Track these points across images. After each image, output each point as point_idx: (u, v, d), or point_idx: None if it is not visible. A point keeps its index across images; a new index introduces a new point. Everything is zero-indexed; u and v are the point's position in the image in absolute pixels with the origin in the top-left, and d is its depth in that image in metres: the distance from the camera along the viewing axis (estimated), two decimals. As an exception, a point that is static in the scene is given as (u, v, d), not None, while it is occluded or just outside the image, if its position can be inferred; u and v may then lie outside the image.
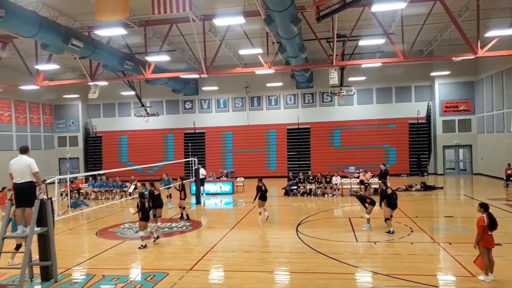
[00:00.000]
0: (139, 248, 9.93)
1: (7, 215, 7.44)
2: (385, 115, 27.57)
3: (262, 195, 12.95)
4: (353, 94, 23.98)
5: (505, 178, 19.89)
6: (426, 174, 26.23)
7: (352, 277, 7.48)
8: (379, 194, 11.61)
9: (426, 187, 19.47)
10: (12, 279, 7.63)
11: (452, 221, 12.57)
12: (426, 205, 16.11)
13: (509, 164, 20.01)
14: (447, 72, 24.39)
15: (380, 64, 20.07)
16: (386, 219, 10.86)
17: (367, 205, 11.46)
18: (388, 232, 10.63)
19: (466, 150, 26.67)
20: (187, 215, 13.73)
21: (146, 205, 10.26)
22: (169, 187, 17.39)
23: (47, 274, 7.66)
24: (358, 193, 12.56)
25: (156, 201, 11.78)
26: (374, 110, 27.85)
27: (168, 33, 17.76)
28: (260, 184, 13.05)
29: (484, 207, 7.14)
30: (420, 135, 27.17)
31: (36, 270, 7.88)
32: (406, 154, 27.09)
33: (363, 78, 25.62)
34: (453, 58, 17.84)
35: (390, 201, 10.95)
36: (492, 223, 6.94)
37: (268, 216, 13.06)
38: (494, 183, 21.21)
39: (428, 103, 27.14)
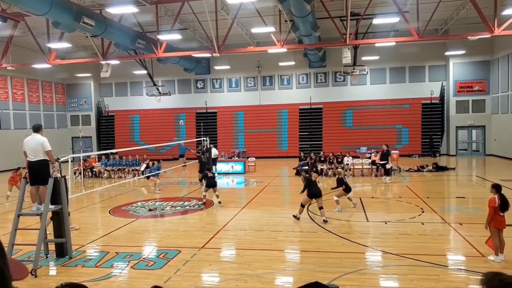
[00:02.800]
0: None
1: (22, 192, 7.59)
2: (398, 95, 27.13)
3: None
4: (366, 73, 23.60)
5: (519, 159, 19.62)
6: (438, 154, 25.95)
7: (362, 256, 7.52)
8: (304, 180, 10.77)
9: (438, 168, 19.29)
10: (28, 255, 7.86)
11: (463, 202, 12.47)
12: (438, 185, 16.00)
13: (524, 146, 19.69)
14: (462, 52, 23.77)
15: (394, 43, 19.61)
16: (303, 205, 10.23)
17: (340, 189, 11.35)
18: (295, 217, 10.13)
19: (479, 131, 26.24)
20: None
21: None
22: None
23: (62, 250, 7.86)
24: (340, 176, 11.94)
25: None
26: (387, 90, 27.41)
27: (180, 11, 17.53)
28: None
29: (496, 188, 7.05)
30: (433, 115, 26.76)
31: (52, 246, 8.10)
32: (419, 135, 26.77)
33: (377, 57, 25.11)
34: (469, 37, 17.30)
35: (311, 189, 10.22)
36: (504, 204, 6.86)
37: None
38: (507, 164, 20.89)
39: (442, 83, 26.58)
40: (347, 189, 11.44)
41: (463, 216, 10.42)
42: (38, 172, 7.59)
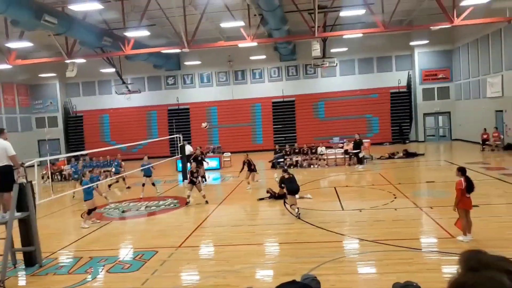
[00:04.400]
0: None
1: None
2: (367, 85, 27.66)
3: (249, 169, 13.50)
4: (336, 65, 23.90)
5: (481, 142, 20.47)
6: (408, 141, 26.72)
7: (340, 245, 7.65)
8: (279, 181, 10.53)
9: (408, 154, 19.86)
10: (-3, 264, 7.51)
11: (433, 186, 12.91)
12: (409, 171, 16.47)
13: (484, 129, 20.57)
14: (426, 41, 24.55)
15: (361, 34, 19.94)
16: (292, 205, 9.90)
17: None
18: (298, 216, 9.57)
19: (445, 117, 27.23)
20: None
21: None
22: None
23: (31, 259, 7.55)
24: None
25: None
26: (356, 81, 27.89)
27: (147, 7, 17.08)
28: (247, 159, 13.33)
29: (461, 171, 7.33)
30: (401, 103, 27.48)
31: (20, 256, 7.76)
32: (388, 123, 27.45)
33: (345, 49, 25.47)
34: (431, 27, 17.90)
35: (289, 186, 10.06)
36: (470, 186, 7.14)
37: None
38: (472, 147, 21.75)
39: (409, 72, 27.33)
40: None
41: (433, 200, 10.79)
42: (2, 179, 7.26)
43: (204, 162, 16.41)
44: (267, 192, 12.19)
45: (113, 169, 17.47)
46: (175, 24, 18.56)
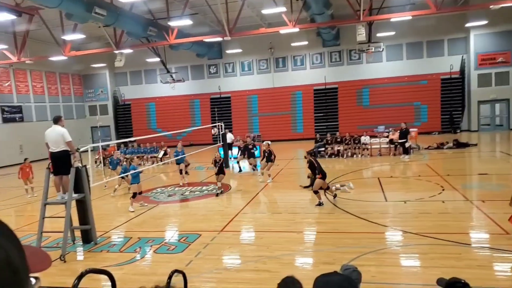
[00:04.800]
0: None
1: (46, 183, 7.83)
2: (415, 71, 26.44)
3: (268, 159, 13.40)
4: (382, 50, 23.07)
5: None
6: (459, 131, 25.36)
7: (381, 236, 7.51)
8: (315, 164, 10.17)
9: (458, 144, 18.89)
10: (56, 241, 8.16)
11: (486, 178, 12.21)
12: (459, 162, 15.70)
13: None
14: (484, 22, 22.75)
15: (410, 17, 18.97)
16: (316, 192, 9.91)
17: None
18: (319, 204, 9.75)
19: (503, 104, 25.38)
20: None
21: None
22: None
23: (87, 237, 8.14)
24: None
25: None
26: (404, 67, 26.74)
27: (189, -5, 17.40)
28: (268, 149, 13.46)
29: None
30: (453, 90, 26.02)
31: (78, 233, 8.38)
32: (438, 111, 26.16)
33: (392, 33, 24.43)
34: (491, 7, 16.62)
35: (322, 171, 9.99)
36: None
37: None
38: (533, 138, 20.28)
39: (462, 56, 25.73)
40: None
41: (485, 193, 10.22)
42: (60, 163, 7.79)
43: (253, 151, 16.46)
44: (308, 177, 12.07)
45: (159, 155, 18.07)
46: (217, 12, 18.72)
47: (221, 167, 12.36)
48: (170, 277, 3.71)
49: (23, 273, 0.65)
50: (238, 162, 16.82)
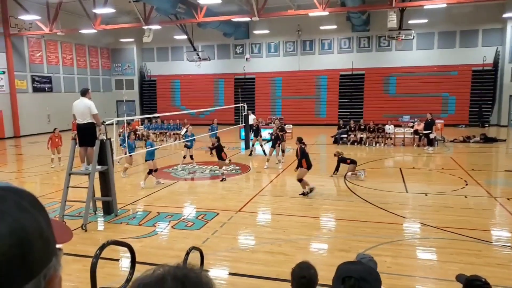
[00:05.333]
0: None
1: (72, 153, 8.06)
2: (446, 62, 25.53)
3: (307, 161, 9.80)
4: (413, 38, 22.32)
5: None
6: (487, 125, 24.52)
7: (399, 227, 7.44)
8: (299, 153, 9.62)
9: (486, 139, 18.29)
10: (78, 211, 8.46)
11: (513, 176, 11.83)
12: (485, 158, 15.24)
13: None
14: (523, 13, 21.66)
15: (445, 4, 18.21)
16: (300, 180, 9.58)
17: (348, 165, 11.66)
18: (303, 194, 9.47)
19: (538, 100, 24.33)
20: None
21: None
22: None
23: (108, 208, 8.40)
24: (341, 155, 11.96)
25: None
26: (434, 56, 25.86)
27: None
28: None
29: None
30: (484, 83, 25.07)
31: (99, 204, 8.65)
32: (467, 104, 25.32)
33: (425, 20, 23.56)
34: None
35: (308, 160, 9.62)
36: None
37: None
38: None
39: (497, 48, 24.62)
40: (352, 162, 11.71)
41: (511, 191, 9.93)
42: (86, 134, 7.99)
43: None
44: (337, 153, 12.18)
45: (182, 132, 18.21)
46: (247, -9, 18.47)
47: (218, 152, 11.76)
48: (187, 253, 3.81)
49: (53, 243, 0.69)
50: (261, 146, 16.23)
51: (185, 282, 0.69)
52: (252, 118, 19.88)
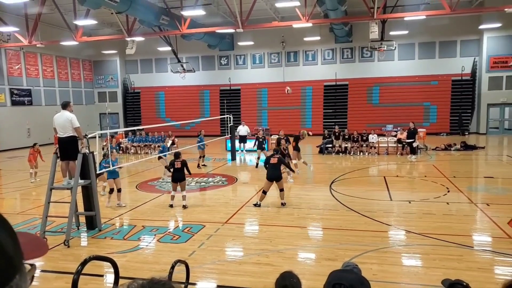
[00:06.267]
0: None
1: (53, 167, 7.91)
2: (427, 72, 26.19)
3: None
4: (394, 49, 22.79)
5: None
6: (467, 133, 25.13)
7: (384, 235, 7.51)
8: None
9: (466, 147, 18.74)
10: (61, 226, 8.27)
11: (492, 182, 12.11)
12: (465, 165, 15.58)
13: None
14: (498, 25, 22.43)
15: (424, 17, 18.76)
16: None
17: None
18: (256, 205, 9.61)
19: (513, 108, 25.13)
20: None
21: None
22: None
23: (92, 223, 8.23)
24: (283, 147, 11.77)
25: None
26: (415, 66, 26.50)
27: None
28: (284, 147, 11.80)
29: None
30: (463, 92, 25.77)
31: (82, 219, 8.48)
32: (447, 112, 25.94)
33: (405, 32, 24.18)
34: (506, 9, 16.37)
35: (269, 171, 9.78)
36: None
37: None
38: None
39: (474, 58, 25.43)
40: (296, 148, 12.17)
41: (491, 197, 10.16)
42: (68, 148, 7.86)
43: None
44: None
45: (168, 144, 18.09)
46: (230, 3, 18.65)
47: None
48: (172, 267, 3.76)
49: (17, 260, 0.65)
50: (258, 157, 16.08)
51: None
52: (245, 130, 19.93)
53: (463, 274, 5.37)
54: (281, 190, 9.68)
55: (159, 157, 13.75)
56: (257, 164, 15.44)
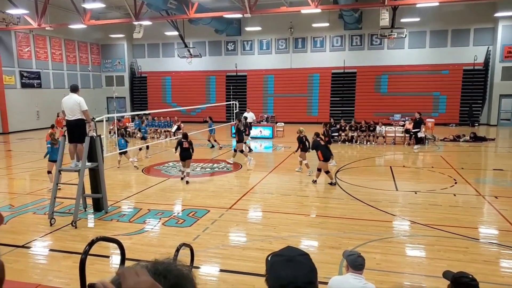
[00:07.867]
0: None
1: (61, 150, 7.97)
2: (437, 60, 25.75)
3: (304, 147, 12.00)
4: (405, 36, 22.40)
5: None
6: (477, 124, 24.82)
7: (389, 225, 7.50)
8: (312, 145, 11.05)
9: (476, 138, 18.53)
10: (68, 208, 8.38)
11: (501, 174, 11.99)
12: (474, 156, 15.43)
13: None
14: (515, 13, 21.90)
15: (437, 3, 18.34)
16: (327, 172, 10.50)
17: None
18: (332, 184, 10.36)
19: (526, 100, 24.67)
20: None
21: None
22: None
23: (98, 205, 8.33)
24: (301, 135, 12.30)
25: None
26: (426, 55, 26.06)
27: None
28: (301, 135, 12.10)
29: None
30: (474, 82, 25.33)
31: (90, 201, 8.57)
32: (457, 103, 25.58)
33: (417, 19, 23.72)
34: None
35: (324, 153, 10.51)
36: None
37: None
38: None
39: (488, 47, 24.90)
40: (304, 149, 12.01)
41: (499, 189, 10.07)
42: (76, 131, 7.91)
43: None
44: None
45: (172, 130, 18.13)
46: (239, -12, 18.41)
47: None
48: (177, 250, 3.79)
49: None
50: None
51: (167, 275, 0.68)
52: (250, 116, 19.88)
53: (468, 266, 5.36)
54: (327, 172, 10.45)
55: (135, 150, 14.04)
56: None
